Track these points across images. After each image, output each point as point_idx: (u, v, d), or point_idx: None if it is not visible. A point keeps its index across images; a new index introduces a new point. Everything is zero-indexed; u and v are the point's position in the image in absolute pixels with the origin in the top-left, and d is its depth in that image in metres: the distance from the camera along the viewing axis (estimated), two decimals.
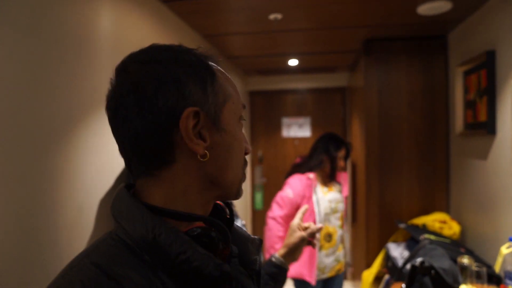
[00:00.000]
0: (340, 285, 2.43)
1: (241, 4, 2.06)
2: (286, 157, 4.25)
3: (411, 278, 1.51)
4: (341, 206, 2.37)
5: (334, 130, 4.11)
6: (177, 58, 0.57)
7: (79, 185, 1.36)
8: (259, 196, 4.27)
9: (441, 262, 1.54)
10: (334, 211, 2.31)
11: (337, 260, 2.35)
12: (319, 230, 1.04)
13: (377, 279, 2.39)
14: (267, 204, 4.11)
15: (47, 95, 1.22)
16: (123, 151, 0.58)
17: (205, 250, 0.53)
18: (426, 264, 1.47)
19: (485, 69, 1.95)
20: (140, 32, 1.81)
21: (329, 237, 2.30)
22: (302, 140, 4.22)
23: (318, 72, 4.11)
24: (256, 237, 0.71)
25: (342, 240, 2.39)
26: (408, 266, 1.81)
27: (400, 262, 2.08)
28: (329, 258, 2.30)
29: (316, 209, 2.22)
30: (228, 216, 0.68)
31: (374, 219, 2.65)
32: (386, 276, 2.21)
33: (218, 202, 0.68)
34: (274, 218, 2.24)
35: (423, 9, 2.04)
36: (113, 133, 0.58)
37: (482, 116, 2.00)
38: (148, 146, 0.54)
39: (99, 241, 0.56)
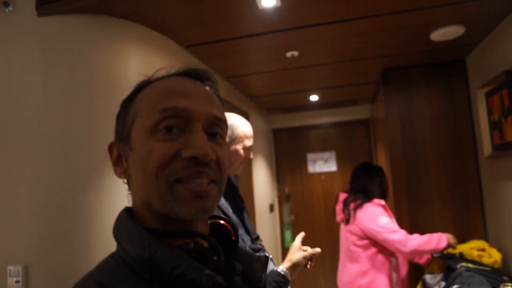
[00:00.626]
0: None
1: (257, 45, 2.17)
2: (313, 193, 4.21)
3: None
4: None
5: (360, 163, 4.09)
6: (121, 104, 0.67)
7: (109, 224, 1.42)
8: (288, 234, 4.20)
9: None
10: None
11: None
12: (318, 253, 1.14)
13: None
14: None
15: (84, 138, 1.32)
16: None
17: (198, 263, 0.54)
18: None
19: (506, 88, 1.93)
20: (163, 71, 1.92)
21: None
22: (328, 174, 4.19)
23: (340, 106, 4.15)
24: (261, 255, 0.72)
25: None
26: None
27: None
28: None
29: None
30: (234, 238, 0.69)
31: None
32: None
33: (225, 223, 0.69)
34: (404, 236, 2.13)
35: (436, 35, 2.07)
36: None
37: (510, 136, 1.95)
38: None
39: (102, 262, 0.59)
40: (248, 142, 1.60)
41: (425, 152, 2.59)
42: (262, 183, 3.72)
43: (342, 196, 2.46)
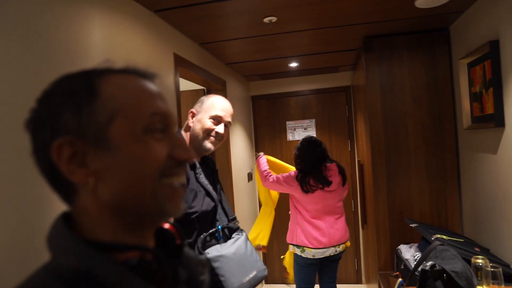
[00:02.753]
0: None
1: (234, 8, 2.03)
2: (293, 161, 4.18)
3: (423, 283, 1.44)
4: None
5: (340, 131, 4.08)
6: (55, 91, 0.57)
7: None
8: None
9: (453, 265, 1.46)
10: None
11: None
12: None
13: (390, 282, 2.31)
14: None
15: None
16: None
17: (142, 281, 0.52)
18: (437, 267, 1.40)
19: (489, 59, 1.88)
20: (132, 45, 1.78)
21: None
22: None
23: (320, 73, 4.06)
24: (203, 257, 0.72)
25: None
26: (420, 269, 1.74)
27: (413, 264, 2.01)
28: None
29: None
30: (179, 241, 0.67)
31: (384, 220, 2.57)
32: (399, 280, 2.13)
33: (170, 227, 0.68)
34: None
35: (421, 3, 1.98)
36: None
37: (489, 109, 1.93)
38: (48, 181, 0.57)
39: (32, 275, 0.53)
40: (214, 112, 1.54)
41: (405, 121, 2.56)
42: (240, 151, 3.66)
43: (331, 165, 2.74)
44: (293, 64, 3.52)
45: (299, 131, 4.18)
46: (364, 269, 3.85)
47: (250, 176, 3.97)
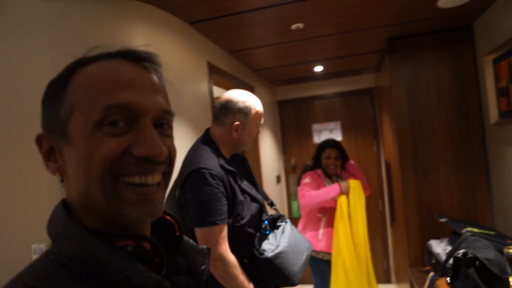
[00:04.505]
0: None
1: (263, 17, 2.15)
2: None
3: (455, 271, 1.50)
4: None
5: (365, 132, 4.13)
6: (48, 85, 0.58)
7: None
8: (295, 204, 4.29)
9: (485, 253, 1.51)
10: None
11: None
12: None
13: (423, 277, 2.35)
14: None
15: None
16: None
17: (144, 267, 0.52)
18: (469, 255, 1.45)
19: None
20: (171, 56, 1.93)
21: None
22: None
23: (344, 76, 4.13)
24: (204, 247, 0.70)
25: None
26: (451, 260, 1.79)
27: (444, 258, 2.05)
28: None
29: None
30: (178, 233, 0.66)
31: (413, 217, 2.61)
32: (431, 274, 2.17)
33: (168, 217, 0.66)
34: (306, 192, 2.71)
35: (444, 2, 2.04)
36: None
37: None
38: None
39: (35, 261, 0.53)
40: (260, 120, 1.64)
41: (431, 120, 2.60)
42: (268, 155, 3.77)
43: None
44: (318, 68, 3.62)
45: (325, 133, 4.25)
46: (394, 268, 3.86)
47: (278, 179, 4.07)
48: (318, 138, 4.27)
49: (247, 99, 1.61)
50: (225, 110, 1.58)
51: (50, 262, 0.51)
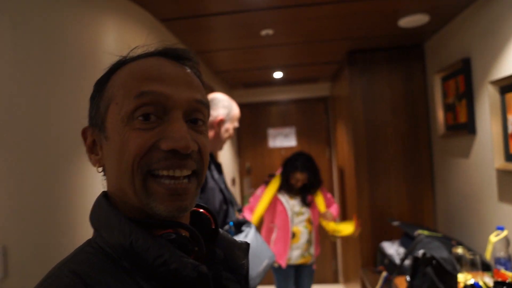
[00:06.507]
0: (310, 273, 2.86)
1: (234, 21, 2.17)
2: (274, 167, 4.34)
3: (414, 270, 1.63)
4: (306, 213, 2.79)
5: (318, 138, 4.29)
6: (95, 84, 0.62)
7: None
8: None
9: (440, 253, 1.67)
10: (297, 214, 2.78)
11: (303, 255, 2.75)
12: None
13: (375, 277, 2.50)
14: None
15: (62, 116, 1.28)
16: None
17: (182, 253, 0.53)
18: (428, 255, 1.59)
19: (462, 75, 2.14)
20: (138, 49, 1.87)
21: (293, 235, 2.75)
22: (288, 149, 4.33)
23: (301, 83, 4.27)
24: (243, 241, 0.69)
25: (309, 241, 2.78)
26: (408, 260, 1.93)
27: (397, 259, 2.21)
28: (293, 252, 2.74)
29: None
30: (214, 226, 0.68)
31: (366, 221, 2.78)
32: (384, 273, 2.32)
33: (204, 211, 0.68)
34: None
35: (404, 22, 2.21)
36: None
37: (462, 118, 2.18)
38: None
39: (78, 249, 0.55)
40: (237, 123, 1.70)
41: (385, 130, 2.79)
42: (224, 157, 3.78)
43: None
44: (277, 74, 3.70)
45: (280, 138, 4.35)
46: (342, 269, 4.05)
47: (233, 181, 4.09)
48: (273, 142, 4.37)
49: (229, 99, 1.78)
50: (211, 105, 1.70)
51: (93, 250, 0.54)
